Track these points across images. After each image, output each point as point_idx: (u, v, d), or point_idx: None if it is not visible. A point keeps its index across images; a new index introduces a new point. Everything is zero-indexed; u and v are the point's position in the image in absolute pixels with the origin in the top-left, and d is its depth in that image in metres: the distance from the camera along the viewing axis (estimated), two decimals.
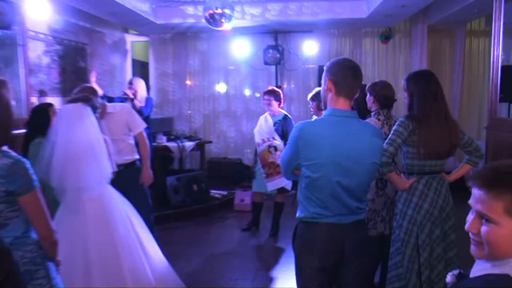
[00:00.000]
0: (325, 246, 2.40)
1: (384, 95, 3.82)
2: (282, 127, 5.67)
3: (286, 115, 5.82)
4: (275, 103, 5.71)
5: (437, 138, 3.09)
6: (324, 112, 2.50)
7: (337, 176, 2.32)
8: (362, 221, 2.51)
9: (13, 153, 2.12)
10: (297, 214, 2.51)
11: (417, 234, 3.14)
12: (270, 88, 5.98)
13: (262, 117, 5.84)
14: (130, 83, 6.45)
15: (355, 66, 2.44)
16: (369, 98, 3.87)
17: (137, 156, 4.66)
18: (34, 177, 2.13)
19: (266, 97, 5.75)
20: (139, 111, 5.87)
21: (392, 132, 3.15)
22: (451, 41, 8.91)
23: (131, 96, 6.31)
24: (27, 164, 2.12)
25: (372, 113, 3.87)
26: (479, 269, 1.32)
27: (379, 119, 3.77)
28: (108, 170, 3.59)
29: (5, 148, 2.11)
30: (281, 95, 5.83)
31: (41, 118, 3.81)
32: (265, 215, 6.38)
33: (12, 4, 4.99)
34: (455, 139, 3.16)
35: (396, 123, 3.19)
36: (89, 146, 3.46)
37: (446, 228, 3.19)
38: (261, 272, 4.92)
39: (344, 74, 2.41)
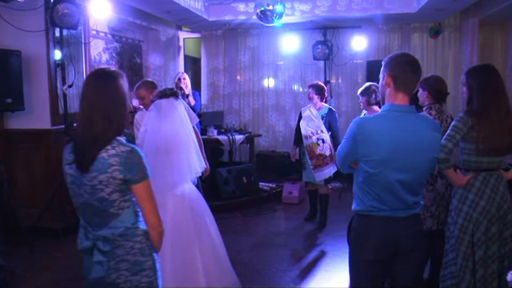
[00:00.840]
0: (380, 239, 2.37)
1: (438, 89, 3.76)
2: (329, 120, 5.88)
3: (331, 108, 6.01)
4: (315, 97, 5.90)
5: (497, 134, 2.98)
6: (382, 107, 2.45)
7: (395, 172, 2.28)
8: (417, 215, 2.47)
9: (126, 142, 2.12)
10: (353, 207, 2.49)
11: (472, 231, 3.07)
12: (315, 82, 6.17)
13: (306, 110, 5.88)
14: (182, 78, 6.47)
15: (414, 61, 2.40)
16: (422, 93, 3.80)
17: None
18: (148, 166, 2.11)
19: (310, 90, 6.00)
20: (192, 108, 5.97)
21: (450, 127, 3.07)
22: (504, 35, 8.69)
23: (187, 92, 6.40)
24: (141, 152, 2.11)
25: (424, 108, 3.80)
26: None
27: (430, 114, 3.70)
28: (197, 166, 3.64)
29: (119, 137, 2.11)
30: (325, 91, 6.01)
31: None
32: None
33: (78, 6, 5.27)
34: None
35: (455, 119, 3.10)
36: (178, 140, 3.51)
37: (502, 226, 3.09)
38: (309, 264, 4.93)
39: (403, 69, 2.36)
